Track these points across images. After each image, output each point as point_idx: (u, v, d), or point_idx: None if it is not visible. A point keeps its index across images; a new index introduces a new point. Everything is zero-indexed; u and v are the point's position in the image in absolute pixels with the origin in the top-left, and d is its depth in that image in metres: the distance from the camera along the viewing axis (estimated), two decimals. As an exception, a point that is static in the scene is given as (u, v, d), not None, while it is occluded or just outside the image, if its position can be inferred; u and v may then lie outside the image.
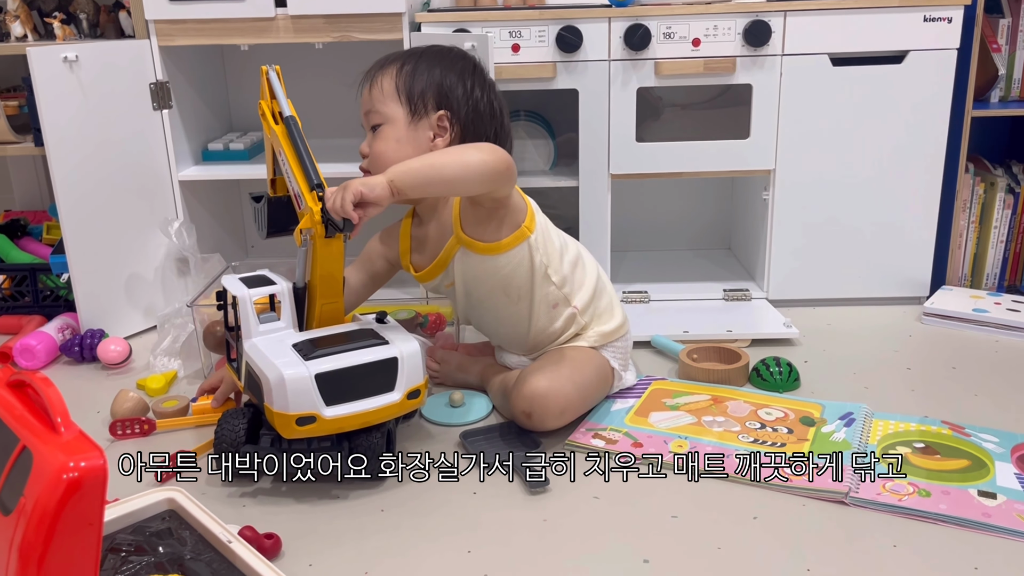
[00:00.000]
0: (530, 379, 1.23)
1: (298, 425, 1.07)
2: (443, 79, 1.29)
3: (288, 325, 1.18)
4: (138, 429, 1.29)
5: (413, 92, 1.28)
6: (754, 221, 1.84)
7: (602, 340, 1.33)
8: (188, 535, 0.98)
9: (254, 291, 1.17)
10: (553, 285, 1.29)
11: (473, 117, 1.30)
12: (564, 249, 1.32)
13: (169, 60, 1.69)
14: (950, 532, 1.03)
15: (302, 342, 1.14)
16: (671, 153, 1.69)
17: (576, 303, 1.31)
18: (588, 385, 1.29)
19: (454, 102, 1.29)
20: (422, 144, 1.28)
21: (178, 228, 1.62)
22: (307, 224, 1.13)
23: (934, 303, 1.68)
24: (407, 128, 1.28)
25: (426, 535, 1.05)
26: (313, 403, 1.07)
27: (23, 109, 1.79)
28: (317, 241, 1.14)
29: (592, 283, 1.34)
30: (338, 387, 1.09)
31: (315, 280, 1.17)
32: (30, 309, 1.75)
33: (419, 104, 1.28)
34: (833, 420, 1.27)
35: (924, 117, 1.66)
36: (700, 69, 1.64)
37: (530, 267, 1.27)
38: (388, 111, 1.29)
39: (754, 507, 1.09)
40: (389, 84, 1.29)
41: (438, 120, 1.28)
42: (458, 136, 1.29)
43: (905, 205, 1.71)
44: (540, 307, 1.30)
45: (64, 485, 0.68)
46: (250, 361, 1.13)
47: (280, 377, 1.07)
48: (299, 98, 1.98)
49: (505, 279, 1.28)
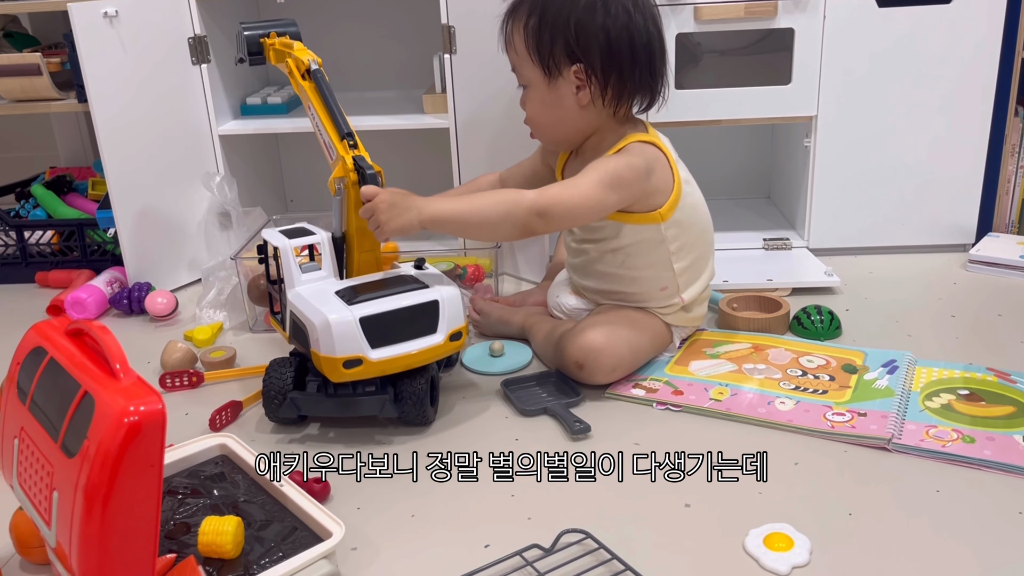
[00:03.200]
0: (588, 331, 1.23)
1: (345, 368, 1.10)
2: (569, 25, 1.18)
3: (329, 274, 1.20)
4: (187, 381, 1.33)
5: (543, 50, 1.20)
6: (795, 169, 1.82)
7: (677, 321, 1.33)
8: (240, 479, 1.01)
9: (294, 241, 1.20)
10: (672, 272, 1.28)
11: (611, 59, 1.19)
12: (701, 241, 1.30)
13: (207, 14, 1.69)
14: (995, 478, 1.02)
15: (344, 289, 1.16)
16: (711, 100, 1.66)
17: (685, 295, 1.30)
18: (642, 349, 1.28)
19: (587, 51, 1.18)
20: (567, 103, 1.22)
21: (219, 182, 1.64)
22: (340, 173, 1.16)
23: (980, 250, 1.65)
24: (547, 90, 1.23)
25: (469, 480, 1.07)
26: (359, 346, 1.10)
27: (65, 66, 1.81)
28: (352, 190, 1.16)
29: (706, 280, 1.33)
30: (382, 330, 1.11)
31: (351, 229, 1.19)
32: (79, 263, 1.79)
33: (550, 63, 1.20)
34: (876, 367, 1.27)
35: (972, 59, 1.62)
36: (741, 13, 1.60)
37: (653, 247, 1.26)
38: (527, 73, 1.24)
39: (796, 453, 1.09)
40: (520, 43, 1.23)
41: (575, 75, 1.20)
42: (601, 85, 1.21)
43: (951, 150, 1.67)
44: (649, 283, 1.29)
45: (126, 428, 0.71)
46: (295, 310, 1.16)
47: (326, 322, 1.09)
48: (333, 51, 1.99)
49: (624, 246, 1.27)
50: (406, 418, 1.16)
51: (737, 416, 1.17)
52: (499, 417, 1.21)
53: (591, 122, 1.26)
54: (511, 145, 1.59)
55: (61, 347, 0.82)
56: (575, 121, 1.26)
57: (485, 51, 1.57)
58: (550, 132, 1.30)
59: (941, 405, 1.16)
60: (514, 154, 1.51)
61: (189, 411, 1.25)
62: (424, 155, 1.94)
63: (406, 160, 1.90)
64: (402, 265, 1.28)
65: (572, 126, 1.27)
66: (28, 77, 1.72)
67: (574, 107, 1.23)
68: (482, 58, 1.59)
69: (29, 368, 0.85)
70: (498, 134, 1.63)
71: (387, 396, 1.13)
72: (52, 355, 0.82)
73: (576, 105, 1.23)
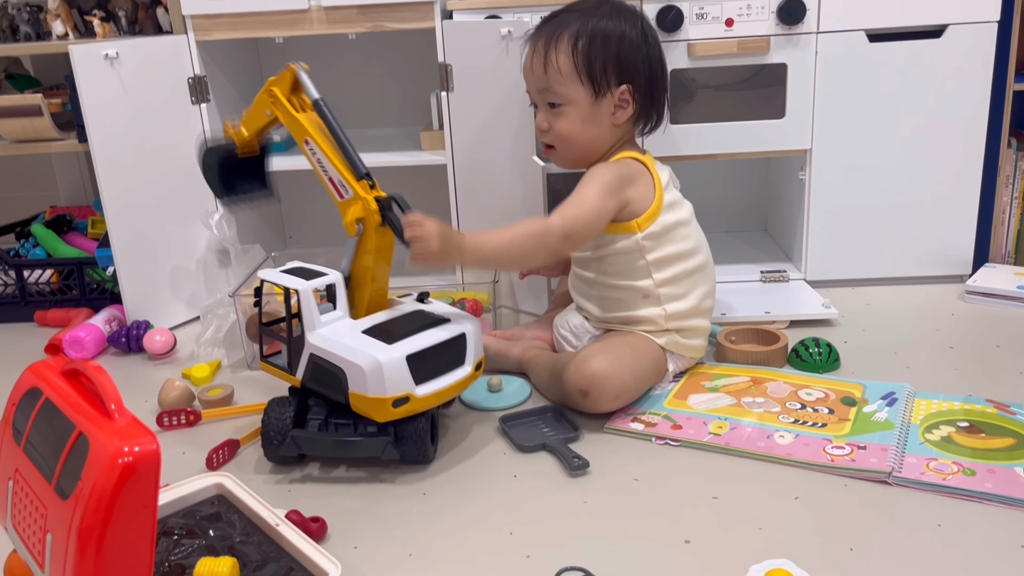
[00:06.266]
0: (591, 359, 1.24)
1: (394, 407, 1.11)
2: (620, 49, 1.28)
3: (344, 314, 1.20)
4: (184, 419, 1.32)
5: (594, 71, 1.28)
6: (790, 201, 1.83)
7: (674, 348, 1.34)
8: (237, 519, 1.00)
9: (313, 283, 1.18)
10: (651, 280, 1.31)
11: (651, 84, 1.32)
12: (685, 259, 1.32)
13: (206, 54, 1.71)
14: (996, 511, 1.02)
15: (371, 328, 1.17)
16: (706, 135, 1.68)
17: (667, 307, 1.32)
18: (645, 375, 1.29)
19: (634, 74, 1.29)
20: (603, 120, 1.31)
21: (218, 220, 1.64)
22: (359, 213, 1.16)
23: (977, 281, 1.66)
24: (590, 108, 1.30)
25: (469, 518, 1.06)
26: (408, 384, 1.11)
27: (66, 107, 1.83)
28: (374, 231, 1.17)
29: (694, 303, 1.34)
30: (423, 366, 1.13)
31: (361, 268, 1.20)
32: (78, 302, 1.79)
33: (602, 83, 1.29)
34: (875, 400, 1.27)
35: (964, 92, 1.63)
36: (734, 49, 1.62)
37: (630, 256, 1.31)
38: (569, 92, 1.30)
39: (795, 487, 1.08)
40: (567, 63, 1.29)
41: (620, 95, 1.30)
42: (639, 105, 1.32)
43: (946, 182, 1.68)
44: (631, 291, 1.32)
45: (120, 469, 0.71)
46: (321, 353, 1.15)
47: (376, 363, 1.09)
48: (332, 89, 2.01)
49: (601, 250, 1.32)
50: (407, 458, 1.16)
51: (736, 450, 1.17)
52: (497, 453, 1.20)
53: (615, 139, 1.36)
54: (508, 181, 1.61)
55: (57, 387, 0.82)
56: (606, 138, 1.35)
57: (482, 88, 1.60)
58: (580, 149, 1.35)
59: (941, 437, 1.16)
60: (511, 190, 1.52)
61: (185, 450, 1.25)
62: (422, 191, 1.94)
63: (404, 196, 1.91)
64: (404, 299, 1.28)
65: (602, 143, 1.35)
66: (30, 118, 1.74)
67: (608, 125, 1.33)
68: (479, 95, 1.61)
69: (25, 409, 0.84)
70: (495, 169, 1.64)
71: (388, 438, 1.13)
72: (48, 395, 0.82)
73: (611, 123, 1.32)
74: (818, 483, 1.09)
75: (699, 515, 1.04)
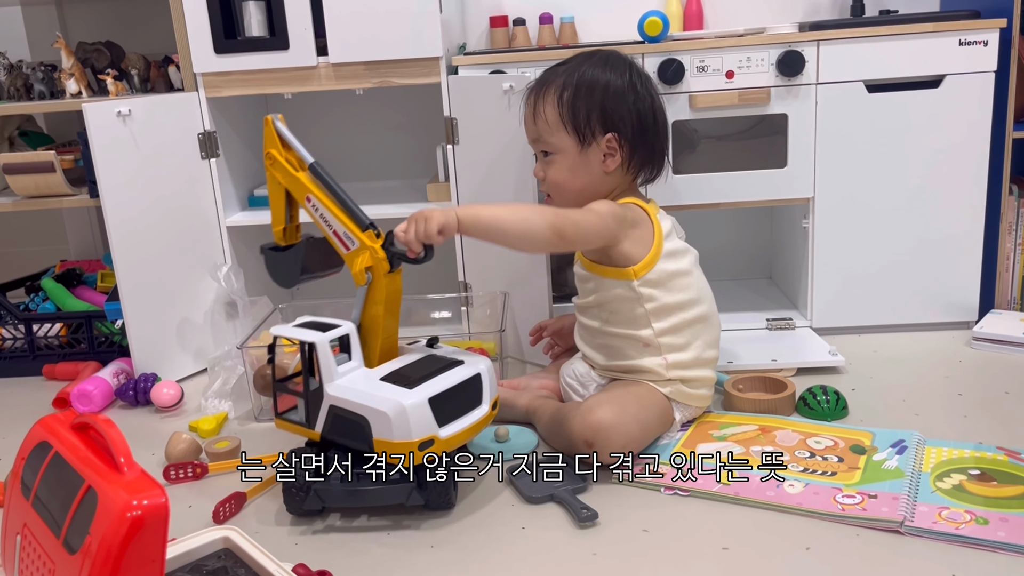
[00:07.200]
0: (596, 409, 1.24)
1: (420, 450, 1.11)
2: (605, 100, 1.31)
3: (359, 363, 1.21)
4: (191, 472, 1.32)
5: (578, 121, 1.31)
6: (795, 249, 1.84)
7: (679, 398, 1.34)
8: (244, 572, 0.99)
9: (328, 335, 1.18)
10: (651, 330, 1.31)
11: (640, 131, 1.34)
12: (685, 309, 1.32)
13: (216, 111, 1.75)
14: (1010, 559, 1.00)
15: (389, 375, 1.18)
16: (709, 184, 1.70)
17: (668, 357, 1.32)
18: (651, 426, 1.29)
19: (620, 123, 1.32)
20: (594, 168, 1.34)
21: (226, 272, 1.66)
22: (367, 262, 1.18)
23: (983, 327, 1.66)
24: (578, 156, 1.33)
25: (477, 570, 1.05)
26: (432, 427, 1.12)
27: (78, 163, 1.86)
28: (383, 278, 1.18)
29: (695, 354, 1.34)
30: (444, 408, 1.14)
31: (372, 316, 1.21)
32: (86, 355, 1.80)
33: (586, 132, 1.32)
34: (884, 448, 1.26)
35: (964, 140, 1.65)
36: (735, 101, 1.65)
37: (628, 304, 1.31)
38: (556, 142, 1.33)
39: (806, 537, 1.07)
40: (553, 114, 1.33)
41: (607, 143, 1.32)
42: (628, 153, 1.34)
43: (949, 229, 1.69)
44: (631, 340, 1.33)
45: (128, 523, 0.70)
46: (342, 403, 1.15)
47: (400, 407, 1.10)
48: (340, 142, 2.05)
49: (601, 296, 1.34)
50: (431, 503, 1.16)
51: (746, 500, 1.16)
52: (505, 505, 1.19)
53: (611, 187, 1.37)
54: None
55: (66, 441, 0.82)
56: (599, 185, 1.36)
57: (485, 141, 1.63)
58: (574, 196, 1.36)
59: (952, 486, 1.15)
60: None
61: (192, 503, 1.24)
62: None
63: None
64: (414, 346, 1.28)
65: (596, 190, 1.36)
66: (43, 174, 1.76)
67: (599, 172, 1.34)
68: (482, 147, 1.63)
69: (34, 463, 0.85)
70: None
71: (412, 484, 1.13)
72: (57, 449, 0.82)
73: (602, 171, 1.34)
74: (829, 533, 1.08)
75: (710, 567, 1.03)
